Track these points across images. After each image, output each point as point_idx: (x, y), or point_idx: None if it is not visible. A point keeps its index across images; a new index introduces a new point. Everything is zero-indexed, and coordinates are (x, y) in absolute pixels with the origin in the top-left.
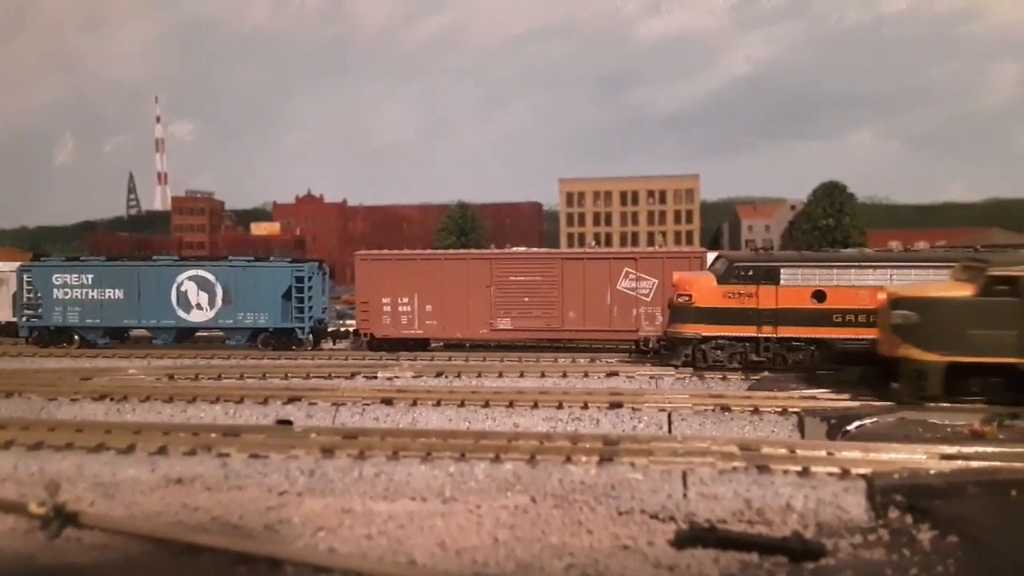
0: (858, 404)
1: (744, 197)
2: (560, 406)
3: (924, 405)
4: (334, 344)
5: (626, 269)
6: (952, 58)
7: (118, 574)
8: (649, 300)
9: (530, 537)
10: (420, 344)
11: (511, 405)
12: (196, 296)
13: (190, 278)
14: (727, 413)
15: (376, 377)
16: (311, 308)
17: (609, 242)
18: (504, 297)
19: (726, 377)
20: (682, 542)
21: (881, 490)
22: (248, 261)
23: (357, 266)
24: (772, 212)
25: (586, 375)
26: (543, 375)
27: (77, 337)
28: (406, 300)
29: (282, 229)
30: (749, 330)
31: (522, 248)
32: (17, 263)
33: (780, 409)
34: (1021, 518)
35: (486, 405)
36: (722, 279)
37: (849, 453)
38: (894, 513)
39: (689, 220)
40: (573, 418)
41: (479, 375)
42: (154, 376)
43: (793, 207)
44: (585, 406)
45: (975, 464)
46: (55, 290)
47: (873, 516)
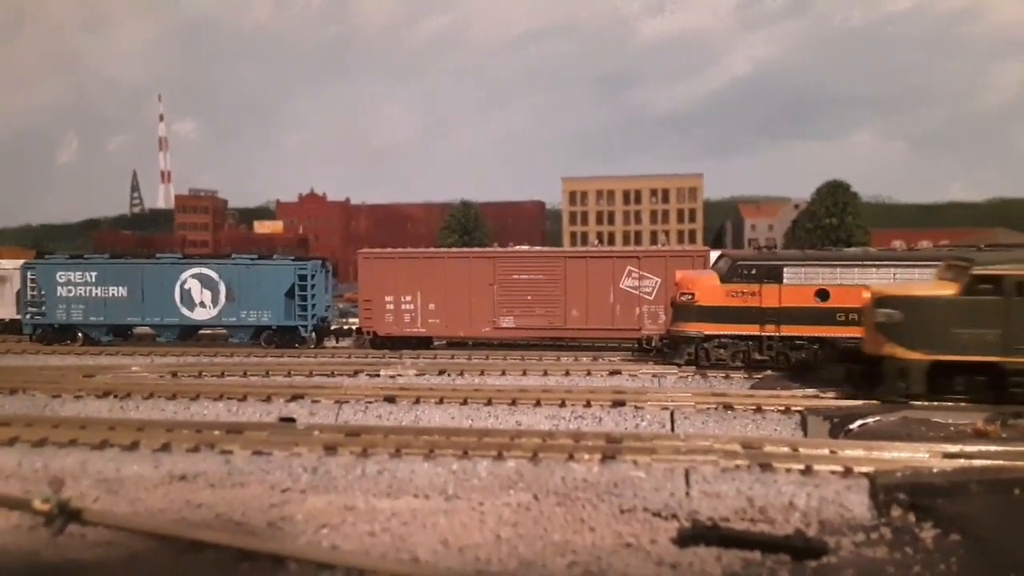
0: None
1: (747, 196)
2: (563, 404)
3: (908, 403)
4: (337, 342)
5: (629, 268)
6: (954, 58)
7: (122, 571)
8: (652, 299)
9: (533, 535)
10: (423, 342)
11: (514, 403)
12: (199, 294)
13: (193, 276)
14: (730, 411)
15: (379, 375)
16: (314, 306)
17: (612, 241)
18: (507, 295)
19: (729, 376)
20: (685, 540)
21: (884, 488)
22: (251, 259)
23: (360, 264)
24: (775, 211)
25: (589, 373)
26: (546, 373)
27: (81, 334)
28: (409, 298)
29: (285, 227)
30: (752, 329)
31: (525, 247)
32: (21, 261)
33: (783, 408)
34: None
35: (489, 403)
36: (725, 278)
37: (852, 451)
38: (897, 511)
39: (692, 219)
40: (576, 416)
41: (482, 373)
42: (157, 373)
43: (796, 206)
44: (588, 404)
45: (978, 463)
46: (59, 288)
47: (876, 514)
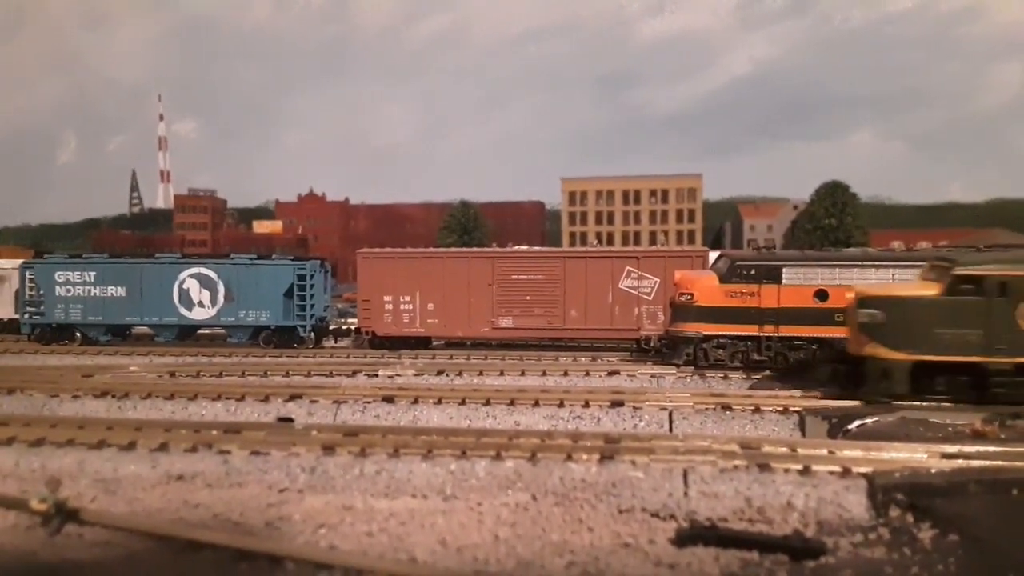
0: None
1: (746, 197)
2: (561, 404)
3: (890, 403)
4: (335, 342)
5: (628, 268)
6: (953, 58)
7: (119, 570)
8: (651, 299)
9: (531, 535)
10: (422, 342)
11: (512, 403)
12: (198, 294)
13: (192, 276)
14: (728, 412)
15: (377, 375)
16: (313, 306)
17: (611, 241)
18: (506, 296)
19: (727, 376)
20: (683, 540)
21: (882, 489)
22: (250, 259)
23: (359, 264)
24: (774, 212)
25: (587, 374)
26: (544, 373)
27: (79, 334)
28: (408, 298)
29: (284, 227)
30: (751, 329)
31: (524, 247)
32: (19, 260)
33: (781, 408)
34: (1022, 517)
35: (487, 403)
36: (724, 278)
37: (850, 452)
38: (895, 512)
39: (691, 219)
40: (574, 416)
41: (480, 373)
42: (156, 373)
43: (795, 207)
44: (586, 404)
45: (976, 463)
46: (57, 287)
47: (874, 515)
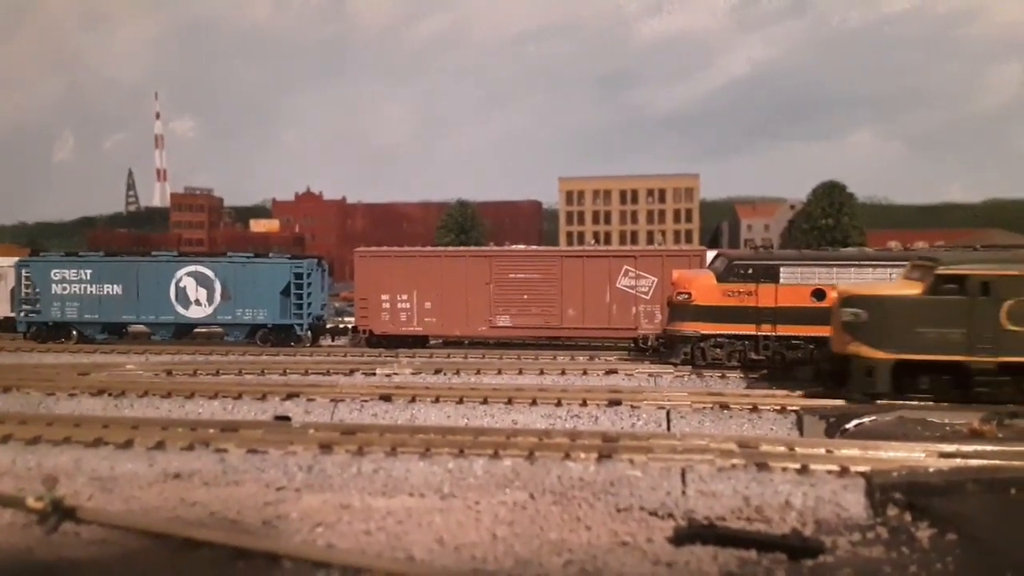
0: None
1: (743, 196)
2: (559, 403)
3: (873, 403)
4: (333, 341)
5: (625, 267)
6: (952, 59)
7: (116, 569)
8: (648, 298)
9: (528, 533)
10: (419, 341)
11: (510, 402)
12: (195, 292)
13: (189, 274)
14: (726, 411)
15: (375, 374)
16: (310, 305)
17: (608, 240)
18: (503, 294)
19: (725, 375)
20: (681, 539)
21: (880, 488)
22: (247, 257)
23: (356, 263)
24: (771, 211)
25: (585, 373)
26: (542, 372)
27: (75, 332)
28: (405, 297)
29: (281, 226)
30: (748, 328)
31: (521, 246)
32: (15, 258)
33: (779, 407)
34: (1020, 516)
35: (485, 402)
36: (721, 277)
37: (848, 451)
38: (893, 511)
39: (688, 219)
40: (572, 415)
41: (478, 372)
42: (152, 372)
43: (792, 207)
44: (584, 403)
45: (974, 462)
46: (53, 285)
47: (872, 514)
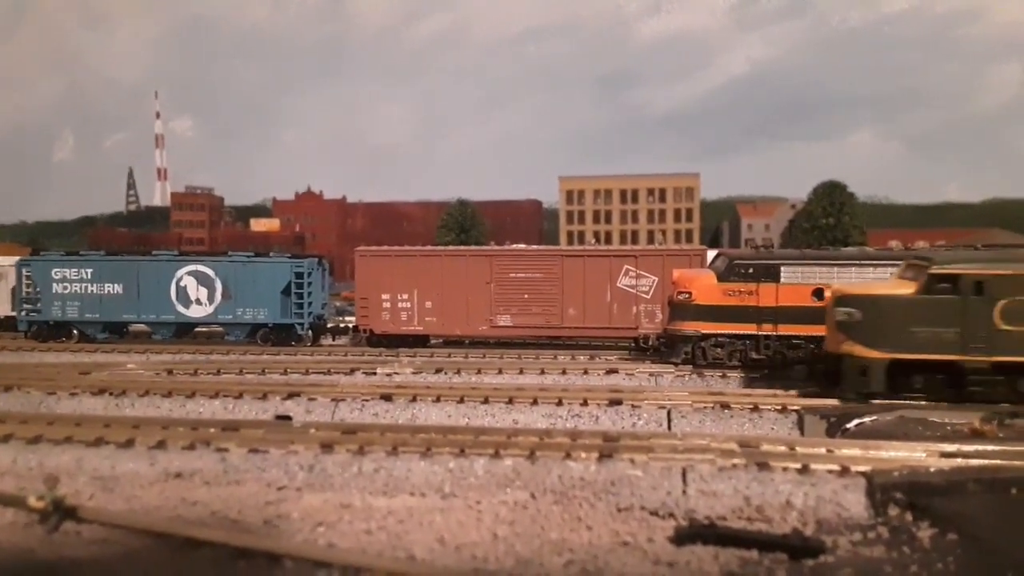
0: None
1: (744, 196)
2: (560, 403)
3: (867, 402)
4: (333, 340)
5: (626, 267)
6: (951, 59)
7: (117, 568)
8: (649, 298)
9: (529, 533)
10: (420, 341)
11: (511, 401)
12: (195, 291)
13: (189, 273)
14: (727, 410)
15: (375, 373)
16: (310, 304)
17: (609, 240)
18: (504, 294)
19: (726, 375)
20: (682, 539)
21: (881, 488)
22: (248, 257)
23: (357, 262)
24: (772, 211)
25: (586, 372)
26: (543, 372)
27: (76, 332)
28: (406, 296)
29: (282, 225)
30: (749, 328)
31: (522, 245)
32: (16, 258)
33: (780, 407)
34: (1021, 516)
35: (486, 401)
36: (722, 277)
37: (849, 451)
38: (894, 511)
39: (689, 218)
40: (573, 415)
41: (478, 372)
42: (153, 371)
43: (793, 206)
44: (585, 403)
45: (975, 462)
46: (54, 284)
47: (873, 514)
